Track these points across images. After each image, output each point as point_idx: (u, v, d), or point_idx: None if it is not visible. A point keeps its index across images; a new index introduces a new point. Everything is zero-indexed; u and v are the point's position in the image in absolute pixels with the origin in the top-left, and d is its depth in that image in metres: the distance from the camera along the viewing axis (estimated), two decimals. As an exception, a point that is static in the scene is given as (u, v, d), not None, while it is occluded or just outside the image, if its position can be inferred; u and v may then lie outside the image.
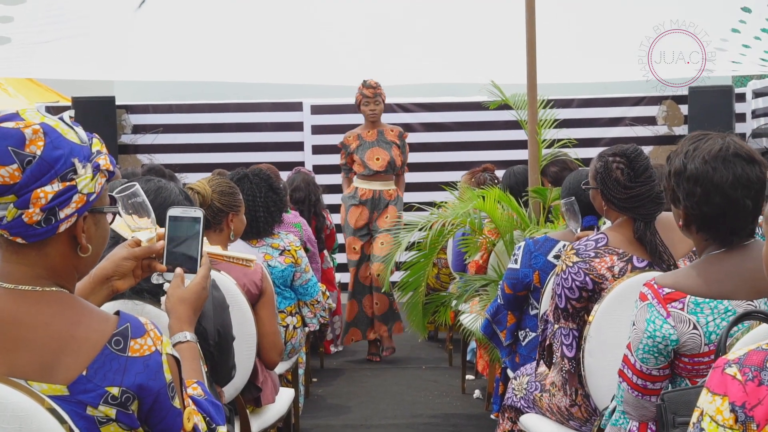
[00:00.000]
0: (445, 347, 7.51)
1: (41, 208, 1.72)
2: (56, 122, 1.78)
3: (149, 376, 1.75)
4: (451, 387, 6.53)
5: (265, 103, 10.43)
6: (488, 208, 5.24)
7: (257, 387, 3.82)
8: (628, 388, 2.64)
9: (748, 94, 10.21)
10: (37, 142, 1.72)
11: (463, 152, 10.05)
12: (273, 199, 4.72)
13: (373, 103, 7.45)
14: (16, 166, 1.69)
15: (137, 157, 10.13)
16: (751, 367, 1.66)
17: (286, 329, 4.73)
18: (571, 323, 3.40)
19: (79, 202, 1.77)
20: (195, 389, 2.02)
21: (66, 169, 1.74)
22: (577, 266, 3.31)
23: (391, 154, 7.40)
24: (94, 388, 1.71)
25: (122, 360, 1.74)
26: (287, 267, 4.74)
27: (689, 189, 2.52)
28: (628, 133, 10.06)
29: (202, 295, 2.19)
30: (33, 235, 1.74)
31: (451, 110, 10.34)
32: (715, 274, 2.55)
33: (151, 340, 1.78)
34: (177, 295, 2.16)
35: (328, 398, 6.36)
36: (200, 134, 10.24)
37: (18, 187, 1.70)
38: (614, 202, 3.38)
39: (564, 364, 3.43)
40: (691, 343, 2.53)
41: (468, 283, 5.38)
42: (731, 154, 2.51)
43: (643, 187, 3.34)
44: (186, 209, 2.21)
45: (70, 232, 1.80)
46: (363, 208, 7.39)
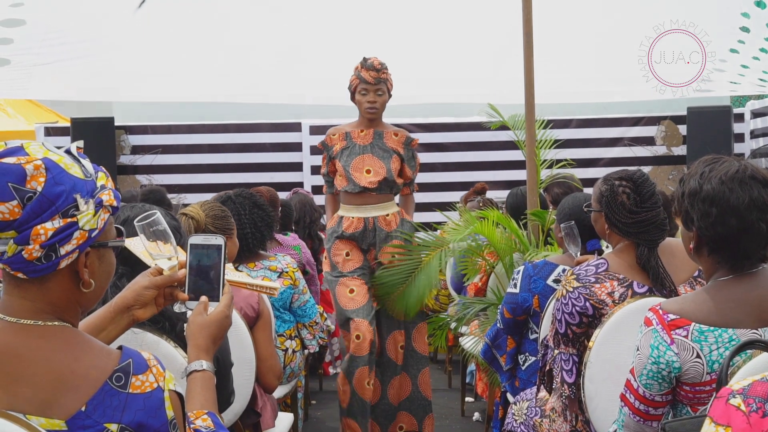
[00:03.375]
0: (444, 369, 7.50)
1: (41, 244, 1.71)
2: (60, 157, 1.77)
3: (149, 414, 1.73)
4: (451, 409, 6.54)
5: (264, 124, 10.48)
6: (487, 231, 5.24)
7: (256, 412, 3.82)
8: (629, 413, 2.64)
9: (747, 114, 10.27)
10: (39, 178, 1.71)
11: (463, 173, 10.08)
12: (259, 215, 4.68)
13: (374, 92, 5.44)
14: (16, 203, 1.69)
15: (136, 177, 10.17)
16: (756, 398, 1.65)
17: (285, 353, 4.71)
18: (572, 348, 3.39)
19: (81, 238, 1.76)
20: (204, 420, 2.02)
21: (67, 206, 1.73)
22: (577, 291, 3.30)
23: (389, 167, 5.40)
24: (92, 424, 1.70)
25: (122, 396, 1.73)
26: (286, 289, 4.73)
27: (704, 210, 2.51)
28: (626, 153, 10.12)
29: (224, 324, 2.19)
30: (33, 270, 1.73)
31: (451, 131, 10.39)
32: (722, 302, 2.54)
33: (153, 376, 1.77)
34: (198, 323, 2.16)
35: (327, 421, 6.36)
36: (199, 155, 10.29)
37: (18, 224, 1.69)
38: (619, 226, 3.37)
39: (564, 390, 3.42)
40: (693, 372, 2.52)
41: (467, 306, 5.37)
42: (748, 177, 2.51)
43: (649, 213, 3.33)
44: (207, 237, 2.21)
45: (72, 268, 1.78)
46: (352, 245, 5.41)
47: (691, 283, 3.24)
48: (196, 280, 2.20)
